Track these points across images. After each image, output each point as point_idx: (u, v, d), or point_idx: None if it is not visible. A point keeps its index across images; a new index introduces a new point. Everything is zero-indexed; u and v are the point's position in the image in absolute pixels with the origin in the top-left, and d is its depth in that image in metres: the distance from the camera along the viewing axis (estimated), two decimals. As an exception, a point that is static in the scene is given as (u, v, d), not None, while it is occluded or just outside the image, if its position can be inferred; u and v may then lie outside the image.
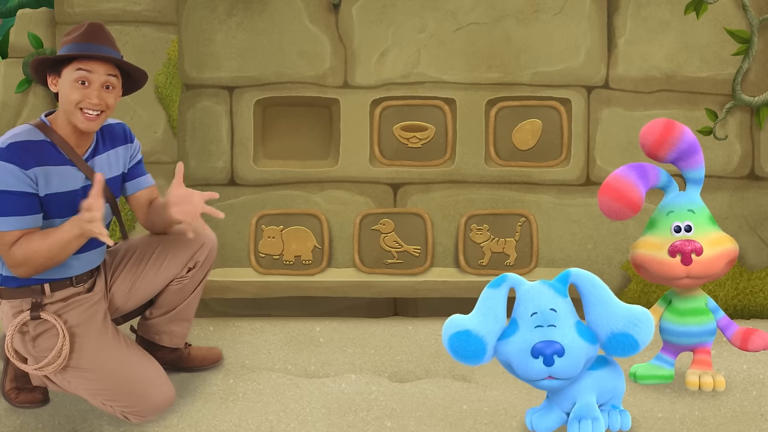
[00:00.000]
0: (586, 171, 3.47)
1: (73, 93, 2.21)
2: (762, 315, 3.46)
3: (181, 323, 2.66)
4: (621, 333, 2.01)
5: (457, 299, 3.32)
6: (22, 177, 2.16)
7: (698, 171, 2.54)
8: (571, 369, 2.04)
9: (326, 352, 2.94)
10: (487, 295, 2.10)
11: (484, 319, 2.08)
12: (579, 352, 2.03)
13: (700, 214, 2.51)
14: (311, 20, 3.43)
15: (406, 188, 3.50)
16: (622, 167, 2.52)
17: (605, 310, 2.04)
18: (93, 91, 2.22)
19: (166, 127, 3.35)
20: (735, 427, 2.28)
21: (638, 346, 2.02)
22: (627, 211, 2.50)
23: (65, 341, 2.26)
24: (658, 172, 2.53)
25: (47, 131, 2.26)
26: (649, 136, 2.53)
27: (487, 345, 2.07)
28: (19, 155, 2.17)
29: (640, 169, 2.51)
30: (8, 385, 2.45)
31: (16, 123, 3.44)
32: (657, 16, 3.40)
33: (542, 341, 2.02)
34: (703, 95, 3.44)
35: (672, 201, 2.55)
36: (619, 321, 2.02)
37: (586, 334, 2.05)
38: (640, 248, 2.55)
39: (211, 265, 2.64)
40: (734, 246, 2.51)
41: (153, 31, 3.30)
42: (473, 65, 3.43)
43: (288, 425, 2.32)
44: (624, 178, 2.49)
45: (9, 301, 2.30)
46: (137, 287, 2.52)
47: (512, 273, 2.13)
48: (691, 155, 2.51)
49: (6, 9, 4.39)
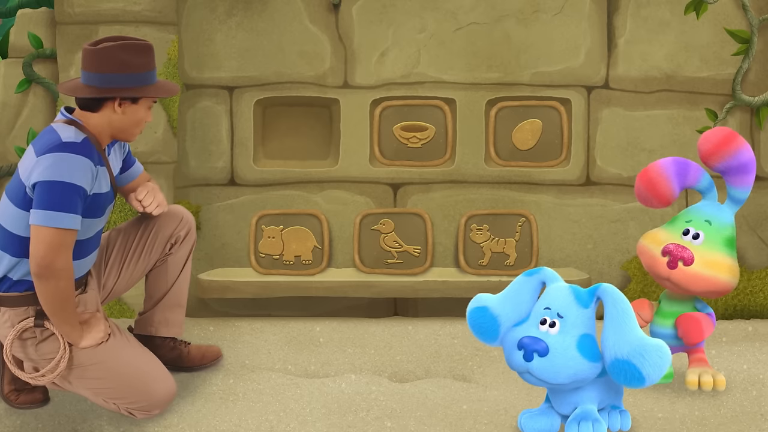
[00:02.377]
0: (586, 171, 3.47)
1: (147, 117, 2.35)
2: (762, 315, 3.46)
3: (174, 309, 2.67)
4: (624, 360, 1.94)
5: (457, 299, 3.32)
6: (91, 175, 2.19)
7: (741, 191, 2.47)
8: (550, 373, 2.01)
9: (326, 352, 2.94)
10: (518, 281, 2.16)
11: (505, 301, 2.14)
12: (565, 361, 1.99)
13: (717, 230, 2.44)
14: (311, 20, 3.43)
15: (406, 188, 3.50)
16: (667, 159, 2.50)
17: (616, 332, 1.98)
18: (150, 113, 2.38)
19: (166, 127, 3.34)
20: (735, 427, 2.28)
21: (642, 378, 1.93)
22: (654, 201, 2.50)
23: (65, 353, 2.25)
24: (700, 174, 2.49)
25: (83, 130, 2.27)
26: (705, 143, 2.49)
27: (501, 326, 2.12)
28: (91, 150, 2.20)
29: (682, 165, 2.48)
30: (8, 387, 2.45)
31: (16, 123, 3.43)
32: (657, 16, 3.40)
33: (530, 336, 2.03)
34: (703, 95, 3.43)
35: (700, 207, 2.51)
36: (625, 347, 1.95)
37: (588, 349, 2.02)
38: (645, 239, 2.55)
39: (192, 244, 2.68)
40: (728, 279, 2.42)
41: (153, 31, 3.30)
42: (473, 65, 3.43)
43: (288, 425, 2.32)
44: (661, 168, 2.48)
45: (12, 309, 2.28)
46: (125, 270, 2.57)
47: (550, 269, 2.16)
48: (738, 173, 2.45)
49: (6, 9, 4.38)
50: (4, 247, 2.25)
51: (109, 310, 3.29)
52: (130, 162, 2.57)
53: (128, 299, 3.27)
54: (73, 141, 2.18)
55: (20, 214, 2.21)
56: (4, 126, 3.43)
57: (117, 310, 3.31)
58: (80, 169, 2.16)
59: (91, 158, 2.19)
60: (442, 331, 3.13)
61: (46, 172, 2.14)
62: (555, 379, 2.02)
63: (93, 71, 2.24)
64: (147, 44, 2.30)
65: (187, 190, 3.45)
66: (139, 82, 2.26)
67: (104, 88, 2.25)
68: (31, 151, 2.23)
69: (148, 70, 2.29)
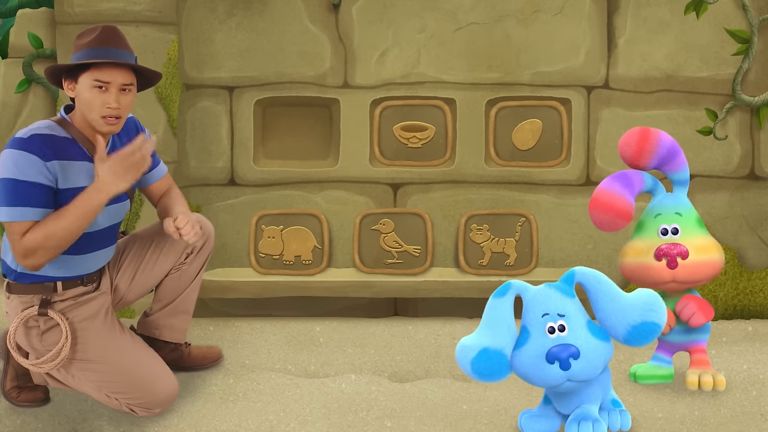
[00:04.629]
0: (586, 171, 3.47)
1: (93, 99, 2.22)
2: (762, 315, 3.46)
3: (180, 316, 2.67)
4: (641, 323, 2.00)
5: (457, 299, 3.33)
6: (42, 168, 2.17)
7: (682, 173, 2.53)
8: (590, 370, 2.01)
9: (326, 352, 2.94)
10: (493, 305, 2.06)
11: (495, 331, 2.03)
12: (595, 352, 2.01)
13: (688, 217, 2.50)
14: (311, 20, 3.43)
15: (406, 188, 3.50)
16: (606, 179, 2.50)
17: (617, 304, 2.01)
18: (111, 96, 2.23)
19: (166, 127, 3.35)
20: (735, 427, 2.28)
21: (660, 329, 2.02)
22: (618, 222, 2.48)
23: (66, 342, 2.26)
24: (642, 177, 2.52)
25: (68, 127, 2.27)
26: (627, 148, 2.52)
27: (508, 357, 2.04)
28: (39, 147, 2.18)
29: (624, 178, 2.49)
30: (9, 384, 2.45)
31: (16, 123, 3.44)
32: (657, 16, 3.40)
33: (556, 345, 1.99)
34: (703, 95, 3.43)
35: (659, 203, 2.54)
36: (635, 312, 2.00)
37: (599, 333, 2.03)
38: (628, 256, 2.55)
39: (209, 253, 2.67)
40: (720, 257, 2.49)
41: (153, 31, 3.30)
42: (473, 65, 3.43)
43: (288, 425, 2.32)
44: (609, 189, 2.47)
45: (19, 296, 2.30)
46: (139, 276, 2.55)
47: (515, 279, 2.10)
48: (672, 159, 2.50)
49: (6, 9, 4.39)
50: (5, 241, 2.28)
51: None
52: (154, 163, 2.54)
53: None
54: (20, 137, 2.19)
55: None
56: (4, 126, 3.43)
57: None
58: (21, 161, 2.15)
59: (36, 153, 2.16)
60: (442, 331, 3.13)
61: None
62: (594, 373, 2.03)
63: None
64: (101, 26, 2.25)
65: (187, 190, 3.45)
66: (78, 58, 2.23)
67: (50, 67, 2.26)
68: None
69: (89, 47, 2.22)
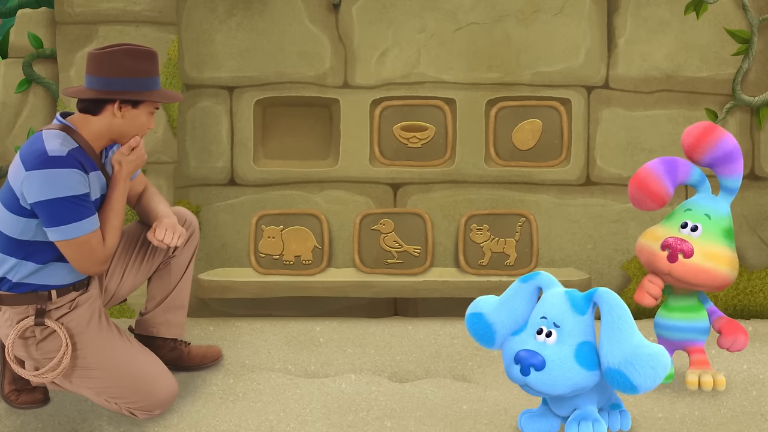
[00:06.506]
0: (586, 171, 3.47)
1: (148, 123, 2.36)
2: (762, 315, 3.46)
3: (175, 311, 2.68)
4: (615, 369, 1.91)
5: (457, 299, 3.32)
6: (86, 181, 2.21)
7: (732, 180, 2.48)
8: (549, 386, 1.98)
9: (326, 352, 2.94)
10: (514, 287, 2.14)
11: (501, 307, 2.13)
12: (563, 373, 1.97)
13: (716, 222, 2.45)
14: (311, 20, 3.43)
15: (406, 188, 3.50)
16: (655, 159, 2.52)
17: (611, 339, 1.94)
18: (153, 118, 2.40)
19: (166, 127, 3.34)
20: (735, 427, 2.28)
21: (634, 387, 1.91)
22: (649, 203, 2.50)
23: (67, 350, 2.26)
24: (690, 169, 2.51)
25: (76, 137, 2.27)
26: (687, 137, 2.52)
27: (497, 333, 2.12)
28: (79, 160, 2.21)
29: (671, 164, 2.50)
30: (8, 387, 2.44)
31: (16, 123, 3.43)
32: (657, 16, 3.40)
33: (526, 350, 2.00)
34: (703, 95, 3.43)
35: (696, 200, 2.53)
36: (617, 356, 1.92)
37: (585, 359, 1.99)
38: (644, 237, 2.56)
39: (195, 246, 2.69)
40: (728, 272, 2.43)
41: (153, 31, 3.30)
42: (473, 65, 3.43)
43: (288, 425, 2.32)
44: (651, 169, 2.49)
45: (12, 308, 2.28)
46: (127, 275, 2.56)
47: (547, 273, 2.13)
48: (727, 162, 2.47)
49: (6, 9, 4.38)
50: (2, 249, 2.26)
51: (109, 309, 3.29)
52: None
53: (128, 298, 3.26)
54: (58, 155, 2.17)
55: (12, 218, 2.22)
56: (4, 126, 3.43)
57: (117, 309, 3.31)
58: (71, 178, 2.17)
59: (78, 167, 2.19)
60: (442, 331, 3.13)
61: (42, 191, 2.15)
62: (554, 390, 2.00)
63: (96, 74, 2.26)
64: (151, 51, 2.32)
65: (187, 190, 3.45)
66: (139, 86, 2.27)
67: (105, 90, 2.26)
68: (18, 159, 2.23)
69: (150, 75, 2.30)
